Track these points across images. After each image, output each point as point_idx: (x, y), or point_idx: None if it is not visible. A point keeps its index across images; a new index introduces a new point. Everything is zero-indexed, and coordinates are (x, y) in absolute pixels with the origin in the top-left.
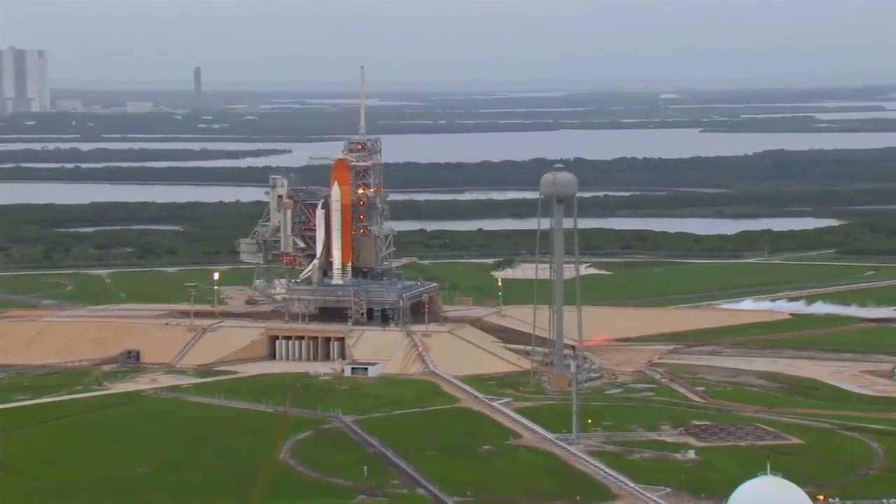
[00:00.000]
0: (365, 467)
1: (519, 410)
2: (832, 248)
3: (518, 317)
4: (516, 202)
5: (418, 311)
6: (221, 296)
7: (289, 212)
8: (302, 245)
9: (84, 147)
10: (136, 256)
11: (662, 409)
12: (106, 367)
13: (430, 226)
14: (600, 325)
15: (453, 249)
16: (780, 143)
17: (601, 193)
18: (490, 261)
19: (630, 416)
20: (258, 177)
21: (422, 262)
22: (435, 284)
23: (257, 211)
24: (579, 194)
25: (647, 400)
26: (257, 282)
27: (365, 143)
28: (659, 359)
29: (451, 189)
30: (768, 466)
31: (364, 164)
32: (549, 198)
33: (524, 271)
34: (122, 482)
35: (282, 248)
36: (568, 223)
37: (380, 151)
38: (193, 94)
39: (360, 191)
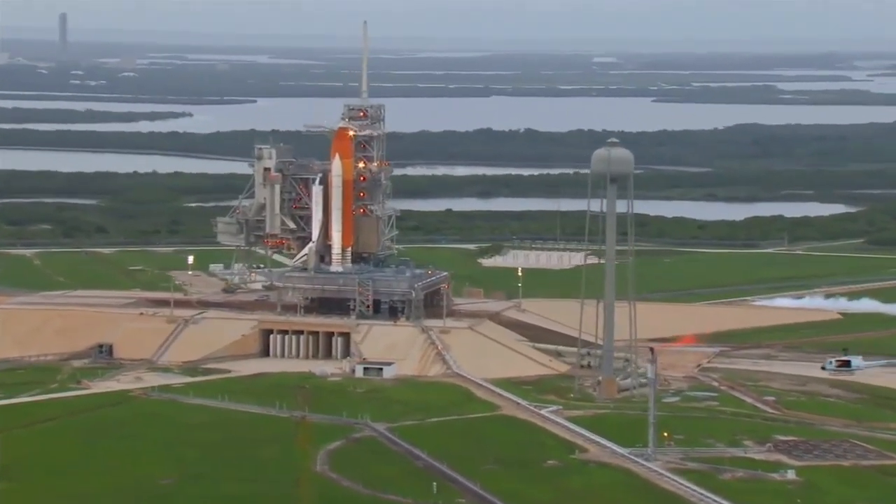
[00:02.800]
0: (434, 483)
1: (572, 420)
2: (856, 237)
3: (539, 311)
4: (476, 179)
5: (430, 304)
6: (178, 282)
7: (277, 187)
8: (292, 226)
9: None
10: (61, 235)
11: (735, 420)
12: (76, 363)
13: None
14: (624, 322)
15: (428, 233)
16: (747, 117)
17: (570, 170)
18: (472, 246)
19: (702, 428)
20: (164, 144)
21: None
22: (445, 273)
23: (181, 184)
24: (545, 170)
25: (713, 410)
26: (236, 266)
27: (367, 110)
28: (708, 363)
29: (393, 163)
30: None
31: (366, 133)
32: (600, 176)
33: (515, 258)
34: (147, 494)
35: (267, 229)
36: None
37: (383, 119)
38: (59, 44)
39: (362, 164)
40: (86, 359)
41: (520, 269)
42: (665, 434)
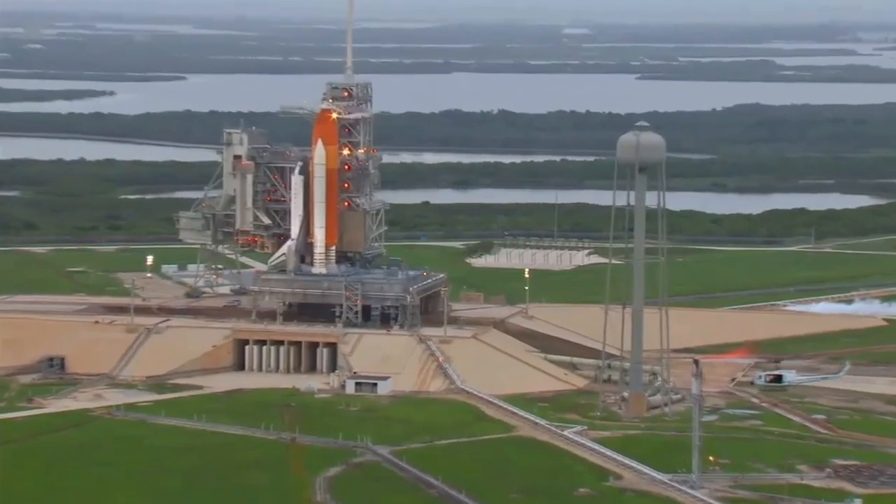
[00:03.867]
0: None
1: (599, 442)
2: (888, 233)
3: (546, 318)
4: (450, 167)
5: (426, 311)
6: (127, 285)
7: (249, 177)
8: (266, 221)
9: None
10: None
11: (784, 442)
12: (24, 378)
13: None
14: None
15: (405, 229)
16: (746, 96)
17: (557, 158)
18: (458, 244)
19: (748, 451)
20: (88, 127)
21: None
22: (442, 276)
23: (114, 173)
24: (527, 158)
25: (758, 430)
26: (202, 267)
27: (352, 90)
28: (743, 376)
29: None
30: None
31: (352, 116)
32: (627, 165)
33: (509, 258)
34: None
35: (237, 225)
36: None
37: (371, 100)
38: None
39: (346, 152)
40: (34, 373)
41: (526, 270)
42: (711, 458)
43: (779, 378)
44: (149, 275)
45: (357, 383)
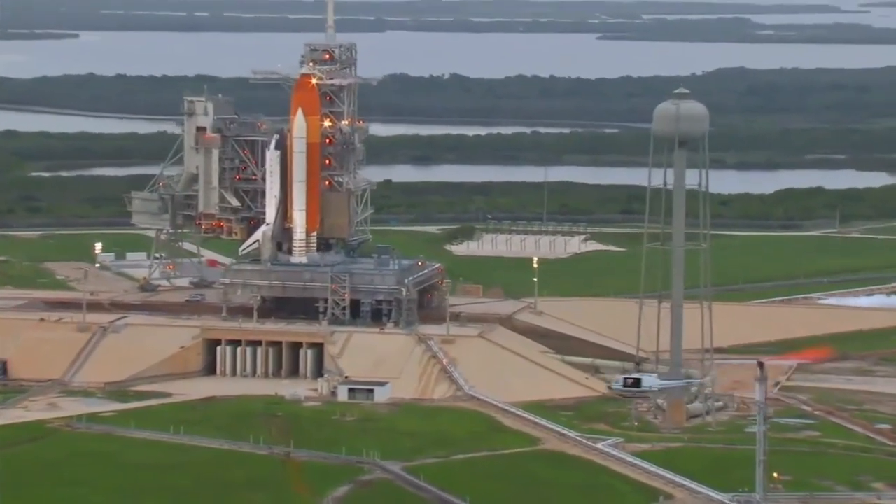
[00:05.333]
0: None
1: (638, 456)
2: None
3: (557, 314)
4: (407, 141)
5: (421, 305)
6: (60, 276)
7: (214, 152)
8: (234, 203)
9: None
10: None
11: (850, 456)
12: None
13: None
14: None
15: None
16: (726, 59)
17: (527, 129)
18: (433, 229)
19: (811, 466)
20: None
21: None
22: (438, 265)
23: (20, 147)
24: (493, 129)
25: (817, 443)
26: (154, 261)
27: (333, 52)
28: (787, 379)
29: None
30: None
31: (334, 82)
32: (665, 138)
33: (494, 245)
34: None
35: (200, 208)
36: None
37: (355, 63)
38: None
39: (328, 123)
40: None
41: (535, 259)
42: (775, 475)
43: (637, 382)
44: (97, 265)
45: (350, 389)
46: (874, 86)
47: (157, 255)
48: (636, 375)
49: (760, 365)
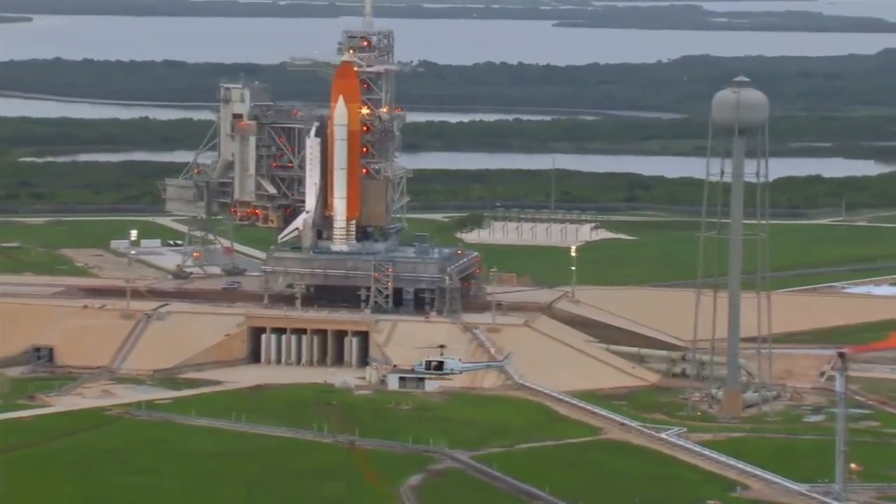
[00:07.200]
0: None
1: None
2: None
3: (592, 302)
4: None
5: (462, 294)
6: (80, 263)
7: (251, 140)
8: (271, 190)
9: None
10: None
11: None
12: (10, 371)
13: None
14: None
15: None
16: (686, 46)
17: (508, 117)
18: (440, 216)
19: (880, 457)
20: None
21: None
22: (475, 254)
23: (7, 132)
24: (474, 116)
25: (880, 433)
26: (187, 248)
27: (371, 39)
28: (832, 369)
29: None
30: None
31: (373, 69)
32: (724, 126)
33: (505, 232)
34: None
35: (236, 195)
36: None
37: (392, 51)
38: None
39: (366, 111)
40: (23, 366)
41: (573, 248)
42: (853, 466)
43: (440, 365)
44: (98, 252)
45: (401, 378)
46: (842, 74)
47: (177, 242)
48: (440, 359)
49: (841, 355)
